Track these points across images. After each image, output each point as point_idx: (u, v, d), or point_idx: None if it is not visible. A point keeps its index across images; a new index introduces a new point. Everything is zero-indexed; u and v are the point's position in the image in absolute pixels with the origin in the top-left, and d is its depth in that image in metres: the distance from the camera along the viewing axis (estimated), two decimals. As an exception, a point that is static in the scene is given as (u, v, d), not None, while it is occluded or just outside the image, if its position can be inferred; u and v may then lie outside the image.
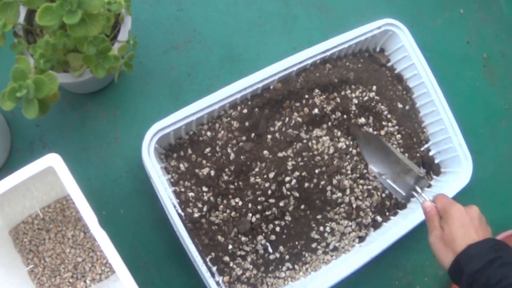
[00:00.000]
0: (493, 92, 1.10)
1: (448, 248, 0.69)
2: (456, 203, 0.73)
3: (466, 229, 0.68)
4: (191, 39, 0.96)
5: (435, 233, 0.73)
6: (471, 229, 0.68)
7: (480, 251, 0.65)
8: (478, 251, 0.65)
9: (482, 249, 0.65)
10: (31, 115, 0.62)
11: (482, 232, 0.69)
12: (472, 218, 0.70)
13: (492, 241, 0.67)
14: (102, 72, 0.71)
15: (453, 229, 0.69)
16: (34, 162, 0.65)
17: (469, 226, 0.69)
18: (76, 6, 0.60)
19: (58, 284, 0.81)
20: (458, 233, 0.68)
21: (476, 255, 0.65)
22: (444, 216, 0.73)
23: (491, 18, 1.14)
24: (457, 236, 0.68)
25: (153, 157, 0.76)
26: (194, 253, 0.75)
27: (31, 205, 0.80)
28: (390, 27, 0.93)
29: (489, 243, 0.66)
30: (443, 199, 0.75)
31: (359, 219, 0.87)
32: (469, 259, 0.65)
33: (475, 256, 0.65)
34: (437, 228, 0.73)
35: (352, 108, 0.88)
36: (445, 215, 0.72)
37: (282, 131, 0.84)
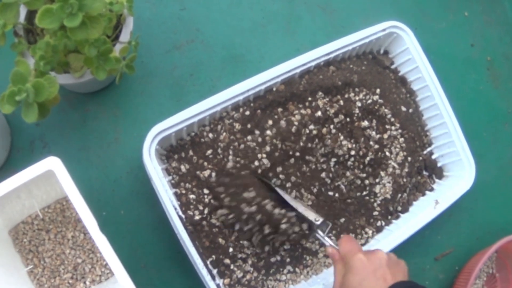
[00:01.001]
0: (496, 95, 1.09)
1: None
2: (357, 251, 0.67)
3: (369, 282, 0.63)
4: (193, 39, 0.95)
5: (338, 284, 0.68)
6: (375, 281, 0.63)
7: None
8: None
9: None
10: (30, 119, 0.61)
11: (392, 279, 0.63)
12: (377, 266, 0.64)
13: (399, 285, 0.62)
14: (103, 74, 0.70)
15: (353, 284, 0.64)
16: (34, 166, 0.64)
17: (372, 278, 0.63)
18: (76, 8, 0.59)
19: (58, 285, 0.80)
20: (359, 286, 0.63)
21: None
22: (346, 266, 0.67)
23: (495, 21, 1.14)
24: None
25: (154, 159, 0.76)
26: (194, 255, 0.75)
27: (30, 205, 0.80)
28: (395, 29, 0.92)
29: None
30: (346, 245, 0.69)
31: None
32: None
33: None
34: (340, 277, 0.68)
35: (355, 111, 0.87)
36: (346, 266, 0.67)
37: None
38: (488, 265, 1.01)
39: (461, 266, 0.97)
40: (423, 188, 0.94)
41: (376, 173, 0.89)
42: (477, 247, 0.98)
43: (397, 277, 0.64)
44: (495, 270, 1.01)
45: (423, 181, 0.94)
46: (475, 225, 1.01)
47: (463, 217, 1.01)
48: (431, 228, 0.92)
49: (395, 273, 0.65)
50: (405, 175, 0.91)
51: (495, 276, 1.01)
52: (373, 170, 0.89)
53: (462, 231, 1.00)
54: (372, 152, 0.88)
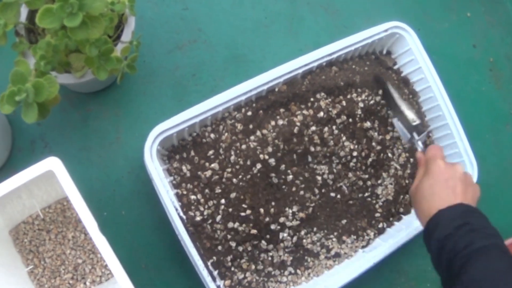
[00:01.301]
0: (498, 96, 1.09)
1: (421, 205, 0.68)
2: (439, 157, 0.71)
3: (438, 188, 0.67)
4: (196, 39, 0.95)
5: (414, 185, 0.71)
6: (444, 189, 0.67)
7: (449, 216, 0.64)
8: (446, 217, 0.64)
9: (451, 215, 0.64)
10: (30, 119, 0.61)
11: (461, 193, 0.67)
12: (450, 176, 0.68)
13: (462, 207, 0.65)
14: (104, 74, 0.69)
15: (424, 186, 0.68)
16: (34, 166, 0.64)
17: (441, 186, 0.67)
18: (77, 8, 0.59)
19: (58, 286, 0.80)
20: (429, 191, 0.67)
21: (444, 221, 0.63)
22: (425, 169, 0.71)
23: (498, 22, 1.13)
24: (426, 194, 0.67)
25: (155, 159, 0.75)
26: (195, 256, 0.74)
27: (31, 205, 0.80)
28: (397, 30, 0.91)
29: (460, 209, 0.64)
30: (431, 150, 0.73)
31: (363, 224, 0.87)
32: (438, 224, 0.64)
33: (443, 222, 0.63)
34: (417, 180, 0.71)
35: (358, 112, 0.87)
36: (426, 169, 0.71)
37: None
38: (490, 266, 1.00)
39: (463, 268, 0.97)
40: (425, 189, 0.94)
41: (378, 174, 0.89)
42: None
43: (467, 195, 0.68)
44: (497, 272, 1.01)
45: (425, 183, 0.94)
46: (477, 227, 1.01)
47: (465, 219, 1.00)
48: (433, 229, 0.92)
49: (466, 190, 0.68)
50: (407, 176, 0.90)
51: (497, 278, 1.01)
52: (375, 171, 0.89)
53: (464, 232, 1.00)
54: (374, 153, 0.88)
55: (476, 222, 0.63)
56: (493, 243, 0.60)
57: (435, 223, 0.64)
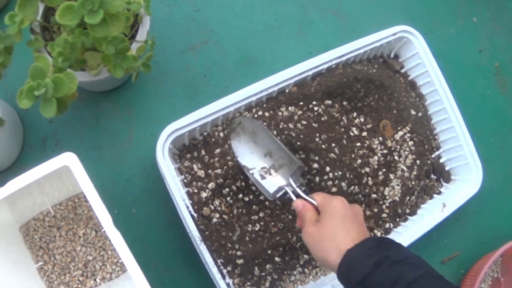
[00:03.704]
0: (504, 101, 1.10)
1: (328, 245, 0.61)
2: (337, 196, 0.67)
3: (350, 224, 0.62)
4: (207, 40, 0.96)
5: (309, 229, 0.65)
6: (356, 224, 0.63)
7: (363, 254, 0.58)
8: (360, 254, 0.58)
9: (364, 252, 0.58)
10: (49, 114, 0.61)
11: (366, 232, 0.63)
12: (356, 214, 0.65)
13: (373, 240, 0.60)
14: (120, 72, 0.70)
15: (333, 222, 0.63)
16: (50, 161, 0.64)
17: (352, 221, 0.63)
18: (98, 5, 0.60)
19: (68, 282, 0.81)
20: (339, 226, 0.62)
21: (358, 260, 0.57)
22: (323, 209, 0.66)
23: (503, 27, 1.15)
24: (338, 230, 0.61)
25: (167, 158, 0.76)
26: (206, 254, 0.75)
27: (42, 202, 0.80)
28: (405, 34, 0.93)
29: (371, 243, 0.59)
30: (322, 194, 0.69)
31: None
32: (351, 265, 0.57)
33: (357, 261, 0.57)
34: (311, 223, 0.65)
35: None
36: (324, 208, 0.66)
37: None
38: (493, 269, 1.01)
39: (466, 270, 0.98)
40: (431, 191, 0.95)
41: (386, 175, 0.89)
42: (483, 251, 0.98)
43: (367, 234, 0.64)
44: (500, 274, 1.01)
45: (431, 185, 0.95)
46: (482, 230, 1.02)
47: (469, 221, 1.01)
48: (438, 231, 0.93)
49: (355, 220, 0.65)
50: (413, 178, 0.91)
51: (500, 280, 1.01)
52: (383, 172, 0.89)
53: (469, 235, 1.01)
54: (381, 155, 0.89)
55: (395, 254, 0.57)
56: (424, 272, 0.55)
57: (347, 264, 0.58)
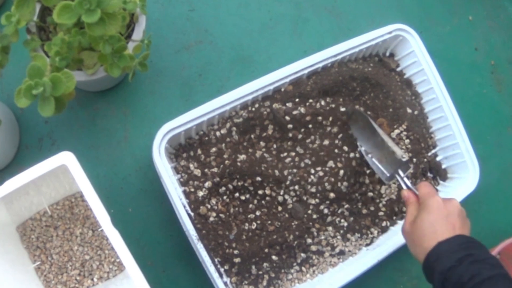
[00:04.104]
0: (500, 99, 1.11)
1: (419, 241, 0.67)
2: (436, 194, 0.70)
3: (439, 225, 0.66)
4: (202, 40, 0.96)
5: (406, 228, 0.71)
6: (445, 225, 0.66)
7: (450, 248, 0.63)
8: (448, 248, 0.63)
9: (453, 247, 0.63)
10: (47, 113, 0.61)
11: (459, 229, 0.66)
12: (449, 213, 0.67)
13: (463, 238, 0.64)
14: (117, 71, 0.71)
15: (425, 223, 0.67)
16: (47, 160, 0.65)
17: (442, 222, 0.66)
18: (95, 5, 0.60)
19: (65, 282, 0.81)
20: (429, 228, 0.66)
21: (446, 253, 0.63)
22: (421, 206, 0.70)
23: (499, 26, 1.15)
24: (428, 232, 0.66)
25: (163, 157, 0.76)
26: (203, 253, 0.75)
27: (39, 202, 0.80)
28: (401, 32, 0.93)
29: (460, 240, 0.64)
30: (425, 187, 0.72)
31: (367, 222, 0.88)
32: (439, 256, 0.63)
33: (445, 254, 0.62)
34: (411, 218, 0.71)
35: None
36: (422, 205, 0.70)
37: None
38: (490, 267, 1.01)
39: (464, 268, 0.98)
40: (427, 189, 0.95)
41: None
42: (480, 249, 0.98)
43: (464, 229, 0.67)
44: (497, 272, 1.02)
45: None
46: (479, 228, 1.02)
47: (466, 219, 1.01)
48: (435, 229, 0.93)
49: (463, 225, 0.68)
50: (410, 176, 0.91)
51: (498, 278, 1.01)
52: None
53: (466, 233, 1.01)
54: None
55: (479, 253, 0.62)
56: (498, 273, 0.60)
57: (436, 255, 0.63)
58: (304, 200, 0.85)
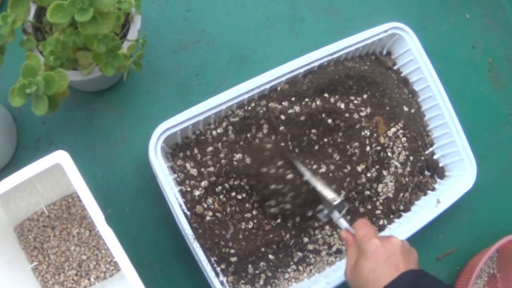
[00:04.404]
0: (497, 97, 1.10)
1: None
2: (373, 235, 0.67)
3: (381, 269, 0.62)
4: (199, 40, 0.97)
5: (349, 268, 0.68)
6: (387, 268, 0.62)
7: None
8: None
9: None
10: (40, 111, 0.62)
11: (404, 266, 0.63)
12: (391, 253, 0.64)
13: (408, 275, 0.61)
14: (111, 71, 0.71)
15: (366, 270, 0.64)
16: (42, 159, 0.65)
17: (384, 266, 0.63)
18: (87, 4, 0.60)
19: (62, 282, 0.81)
20: (371, 275, 0.63)
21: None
22: (360, 250, 0.67)
23: (496, 24, 1.15)
24: (370, 278, 0.63)
25: (160, 156, 0.76)
26: (199, 252, 0.75)
27: (36, 202, 0.81)
28: (397, 30, 0.93)
29: (406, 278, 0.61)
30: (362, 229, 0.68)
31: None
32: None
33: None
34: (351, 262, 0.67)
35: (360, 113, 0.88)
36: (360, 251, 0.66)
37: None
38: (489, 265, 1.01)
39: (462, 266, 0.97)
40: (425, 187, 0.95)
41: (379, 172, 0.90)
42: (478, 247, 0.98)
43: (409, 265, 0.64)
44: (496, 270, 1.01)
45: (425, 181, 0.95)
46: (477, 226, 1.02)
47: (464, 217, 1.01)
48: (433, 228, 0.93)
49: (408, 261, 0.64)
50: (407, 174, 0.91)
51: (496, 276, 1.01)
52: (376, 169, 0.90)
53: (464, 231, 1.01)
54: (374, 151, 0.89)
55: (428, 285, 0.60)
56: None
57: None
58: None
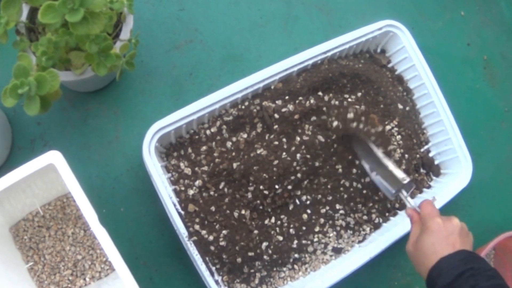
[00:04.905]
0: (493, 94, 1.10)
1: (422, 261, 0.69)
2: (436, 214, 0.72)
3: (439, 246, 0.68)
4: (192, 39, 0.97)
5: (411, 243, 0.73)
6: (445, 245, 0.68)
7: (451, 264, 0.65)
8: (448, 264, 0.65)
9: (453, 262, 0.65)
10: (32, 111, 0.62)
11: (460, 246, 0.68)
12: (450, 232, 0.69)
13: (463, 254, 0.66)
14: (103, 70, 0.71)
15: (426, 245, 0.69)
16: (35, 159, 0.65)
17: (443, 243, 0.68)
18: (78, 4, 0.61)
19: (58, 282, 0.81)
20: (430, 249, 0.68)
21: (447, 269, 0.65)
22: (423, 226, 0.72)
23: (491, 20, 1.15)
24: (429, 252, 0.68)
25: (153, 156, 0.76)
26: (193, 252, 0.75)
27: (31, 203, 0.81)
28: (391, 28, 0.93)
29: (460, 255, 0.66)
30: (427, 208, 0.74)
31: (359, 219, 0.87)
32: (440, 272, 0.65)
33: (446, 270, 0.65)
34: (414, 238, 0.72)
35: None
36: (423, 226, 0.72)
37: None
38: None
39: (459, 264, 0.97)
40: (420, 185, 0.95)
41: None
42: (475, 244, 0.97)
43: (465, 246, 0.69)
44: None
45: (421, 179, 0.95)
46: (473, 223, 1.00)
47: (461, 215, 0.99)
48: (429, 225, 0.93)
49: (464, 242, 0.69)
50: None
51: (494, 273, 1.01)
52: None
53: (460, 228, 1.00)
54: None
55: (478, 266, 0.64)
56: (495, 284, 0.62)
57: (437, 270, 0.66)
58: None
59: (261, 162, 0.80)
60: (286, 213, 0.84)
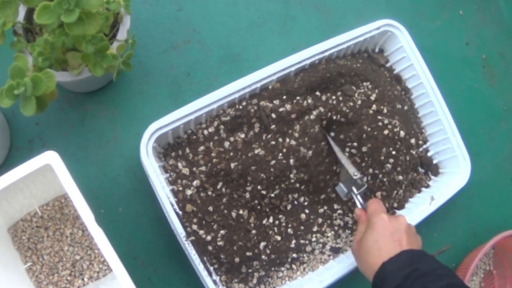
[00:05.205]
0: (492, 93, 1.10)
1: (365, 259, 0.67)
2: (382, 212, 0.70)
3: (383, 242, 0.66)
4: (190, 39, 0.97)
5: (356, 241, 0.71)
6: (390, 242, 0.66)
7: (395, 267, 0.62)
8: (392, 268, 0.63)
9: (397, 265, 0.63)
10: (28, 112, 0.62)
11: (407, 244, 0.65)
12: (396, 229, 0.67)
13: (407, 254, 0.64)
14: (100, 71, 0.71)
15: (369, 241, 0.67)
16: (32, 160, 0.65)
17: (387, 239, 0.66)
18: (74, 4, 0.61)
19: (56, 282, 0.81)
20: (375, 245, 0.66)
21: (390, 273, 0.62)
22: (368, 224, 0.70)
23: (490, 19, 1.15)
24: (372, 249, 0.66)
25: (151, 156, 0.76)
26: (191, 252, 0.75)
27: (29, 203, 0.81)
28: (389, 27, 0.93)
29: (404, 256, 0.64)
30: (373, 205, 0.73)
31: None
32: (384, 278, 0.62)
33: (389, 274, 0.62)
34: (359, 236, 0.71)
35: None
36: (368, 223, 0.70)
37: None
38: (485, 262, 1.01)
39: (458, 263, 0.97)
40: (419, 185, 0.94)
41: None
42: (474, 244, 0.98)
43: (412, 245, 0.66)
44: (492, 267, 1.01)
45: (419, 178, 0.95)
46: (472, 222, 1.01)
47: (459, 214, 1.01)
48: (427, 225, 0.93)
49: (411, 241, 0.67)
50: (400, 171, 0.91)
51: (493, 273, 1.01)
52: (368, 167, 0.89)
53: (459, 228, 1.01)
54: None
55: (424, 266, 0.61)
56: (447, 283, 0.59)
57: (381, 277, 0.63)
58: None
59: (259, 162, 0.80)
60: (284, 213, 0.85)
